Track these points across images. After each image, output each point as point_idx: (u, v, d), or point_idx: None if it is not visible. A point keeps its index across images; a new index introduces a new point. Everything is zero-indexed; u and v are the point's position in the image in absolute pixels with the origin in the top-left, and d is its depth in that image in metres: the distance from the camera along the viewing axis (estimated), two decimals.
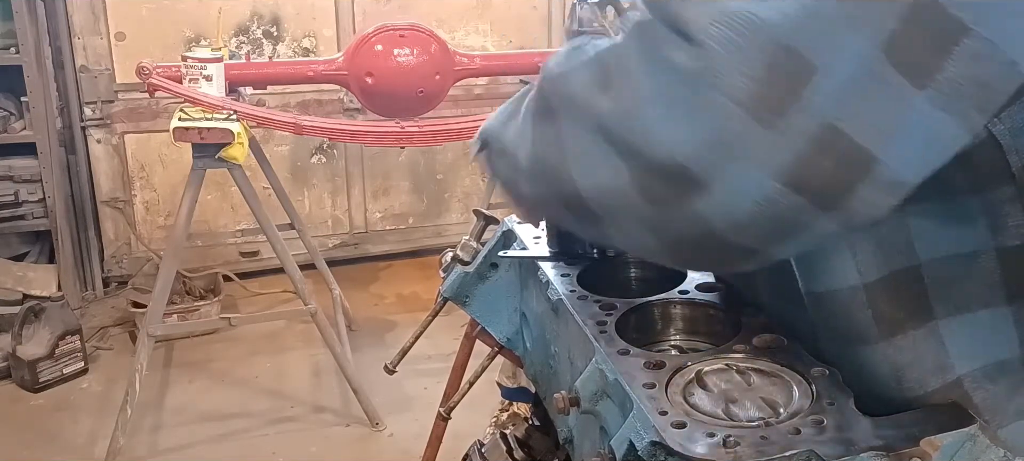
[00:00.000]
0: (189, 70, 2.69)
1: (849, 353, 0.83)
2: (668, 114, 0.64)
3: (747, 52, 0.61)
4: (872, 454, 0.72)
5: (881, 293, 0.80)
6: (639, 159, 0.67)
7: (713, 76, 0.61)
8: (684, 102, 0.63)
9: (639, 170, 0.67)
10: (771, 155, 0.62)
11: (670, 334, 1.02)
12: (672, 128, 0.64)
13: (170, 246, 2.77)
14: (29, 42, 3.45)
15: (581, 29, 3.00)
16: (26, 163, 3.57)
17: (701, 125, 0.63)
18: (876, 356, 0.81)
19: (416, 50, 2.89)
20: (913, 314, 0.80)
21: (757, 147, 0.62)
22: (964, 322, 0.80)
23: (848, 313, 0.81)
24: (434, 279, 1.25)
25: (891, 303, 0.80)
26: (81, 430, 2.96)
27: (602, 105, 0.69)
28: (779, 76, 0.61)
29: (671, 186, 0.66)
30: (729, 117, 0.62)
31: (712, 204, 0.65)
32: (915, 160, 0.64)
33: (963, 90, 0.61)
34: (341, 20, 3.97)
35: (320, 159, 4.17)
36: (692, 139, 0.63)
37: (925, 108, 0.61)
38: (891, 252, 0.79)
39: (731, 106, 0.61)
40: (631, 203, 0.69)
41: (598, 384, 0.88)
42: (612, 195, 0.71)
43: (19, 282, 3.62)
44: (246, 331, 3.59)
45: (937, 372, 0.80)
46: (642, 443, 0.75)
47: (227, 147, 2.60)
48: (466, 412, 1.30)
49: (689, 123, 0.63)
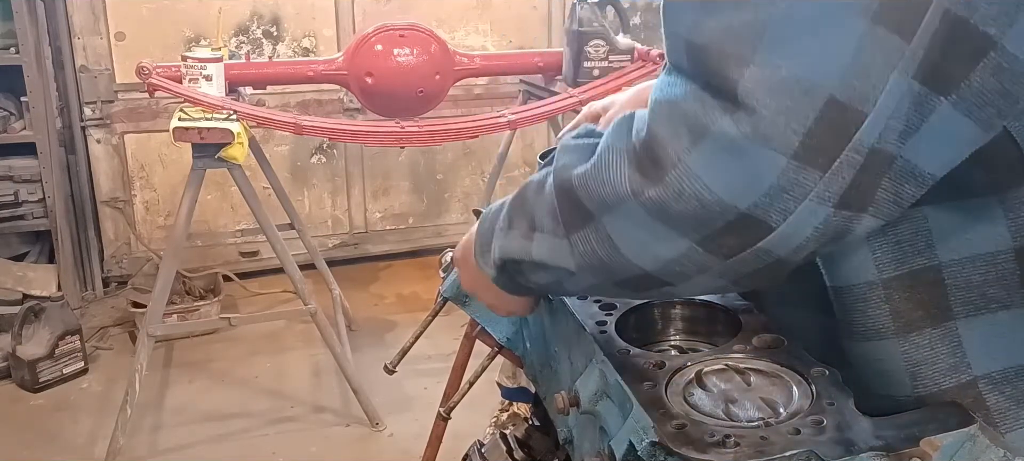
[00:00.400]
0: (189, 70, 2.69)
1: (865, 349, 0.83)
2: (724, 178, 0.66)
3: (798, 112, 0.63)
4: (872, 454, 0.72)
5: (898, 290, 0.81)
6: (703, 228, 0.69)
7: (764, 138, 0.64)
8: (738, 163, 0.65)
9: (705, 235, 0.69)
10: (827, 189, 0.65)
11: (670, 334, 1.02)
12: (730, 188, 0.66)
13: (170, 246, 2.77)
14: (29, 42, 3.45)
15: (581, 29, 3.00)
16: (26, 163, 3.57)
17: (758, 179, 0.65)
18: (891, 352, 0.82)
19: (416, 50, 2.89)
20: (931, 313, 0.81)
21: (814, 187, 0.65)
22: (983, 323, 0.80)
23: (865, 308, 0.82)
24: (434, 279, 1.25)
25: (908, 301, 0.81)
26: (81, 430, 2.96)
27: (653, 193, 0.69)
28: (830, 128, 0.63)
29: (740, 236, 0.68)
30: (785, 169, 0.64)
31: (776, 238, 0.68)
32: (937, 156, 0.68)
33: (986, 98, 0.66)
34: (341, 20, 3.97)
35: (320, 159, 4.17)
36: (752, 192, 0.66)
37: (949, 112, 0.66)
38: (909, 251, 0.80)
39: (785, 160, 0.64)
40: (703, 263, 0.72)
41: (598, 384, 0.88)
42: (681, 263, 0.72)
43: (19, 282, 3.62)
44: (246, 331, 3.59)
45: (952, 372, 0.80)
46: (642, 443, 0.75)
47: (227, 147, 2.60)
48: (466, 412, 1.30)
49: (746, 179, 0.66)
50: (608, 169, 0.72)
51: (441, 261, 1.19)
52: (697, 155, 0.66)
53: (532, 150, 4.25)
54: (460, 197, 4.41)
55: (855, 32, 0.62)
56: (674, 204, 0.68)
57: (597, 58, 2.98)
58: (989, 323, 0.80)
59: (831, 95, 0.63)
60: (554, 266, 0.82)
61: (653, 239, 0.71)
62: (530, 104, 3.15)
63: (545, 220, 0.81)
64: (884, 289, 0.81)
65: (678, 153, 0.67)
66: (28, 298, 3.44)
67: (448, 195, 4.41)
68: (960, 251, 0.79)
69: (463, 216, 4.35)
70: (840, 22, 0.62)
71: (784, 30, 0.63)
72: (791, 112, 0.63)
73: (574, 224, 0.77)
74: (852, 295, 0.83)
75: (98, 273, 3.95)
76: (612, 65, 2.99)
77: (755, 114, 0.63)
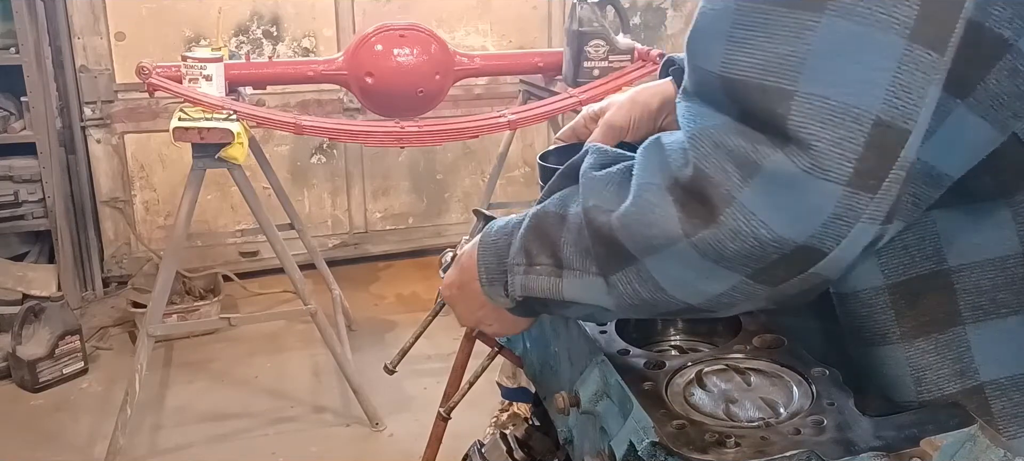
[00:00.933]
0: (189, 70, 2.69)
1: (869, 354, 0.83)
2: (783, 214, 0.65)
3: (850, 140, 0.63)
4: (872, 454, 0.72)
5: (904, 296, 0.81)
6: (757, 262, 0.67)
7: (823, 171, 0.63)
8: (796, 198, 0.65)
9: (758, 269, 0.68)
10: (878, 209, 0.65)
11: (670, 334, 1.02)
12: (790, 223, 0.65)
13: (170, 246, 2.77)
14: (29, 42, 3.45)
15: (581, 29, 3.00)
16: (26, 163, 3.56)
17: (818, 211, 0.65)
18: (896, 357, 0.82)
19: (416, 50, 2.89)
20: (938, 318, 0.81)
21: (866, 209, 0.65)
22: (992, 328, 0.81)
23: (870, 314, 0.82)
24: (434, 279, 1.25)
25: (914, 306, 0.81)
26: (81, 430, 2.96)
27: (706, 234, 0.67)
28: (878, 150, 0.63)
29: (793, 266, 0.68)
30: (842, 197, 0.64)
31: (827, 262, 0.67)
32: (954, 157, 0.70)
33: (1002, 101, 0.68)
34: (341, 20, 3.97)
35: (320, 159, 4.17)
36: (812, 224, 0.65)
37: (964, 115, 0.68)
38: (917, 256, 0.80)
39: (841, 189, 0.64)
40: (752, 293, 0.71)
41: (598, 384, 0.88)
42: (730, 296, 0.71)
43: (19, 282, 3.62)
44: (246, 331, 3.58)
45: (958, 377, 0.81)
46: (642, 444, 0.75)
47: (227, 147, 2.60)
48: (466, 412, 1.30)
49: (805, 212, 0.65)
50: (652, 211, 0.70)
51: (441, 261, 1.18)
52: (750, 192, 0.65)
53: (532, 150, 4.24)
54: (460, 197, 4.41)
55: (895, 53, 0.62)
56: (730, 243, 0.66)
57: (597, 58, 2.98)
58: (998, 328, 0.80)
59: (877, 117, 0.62)
60: (588, 304, 0.79)
61: (701, 277, 0.70)
62: (530, 104, 3.14)
63: (574, 259, 0.78)
64: (890, 295, 0.81)
65: (731, 191, 0.65)
66: (28, 298, 3.44)
67: (448, 195, 4.41)
68: (969, 256, 0.79)
69: (463, 216, 4.35)
70: (878, 45, 0.62)
71: (824, 60, 0.63)
72: (844, 141, 0.63)
73: (612, 266, 0.75)
74: (857, 301, 0.83)
75: (98, 273, 3.95)
76: (612, 65, 2.98)
77: (811, 148, 0.63)
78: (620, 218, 0.72)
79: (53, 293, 3.42)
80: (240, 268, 4.03)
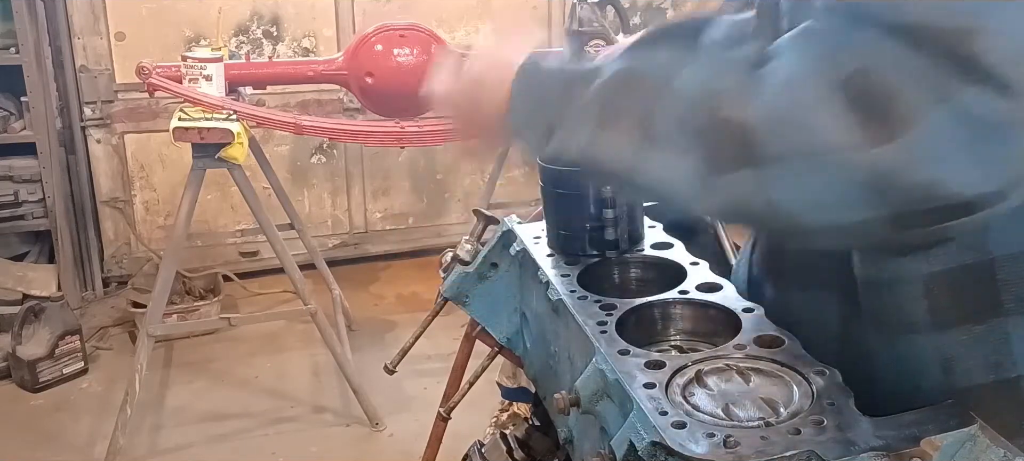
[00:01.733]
0: (189, 70, 2.69)
1: (893, 340, 0.82)
2: (966, 164, 0.59)
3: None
4: (872, 454, 0.72)
5: (942, 285, 0.78)
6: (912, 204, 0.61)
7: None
8: (989, 150, 0.59)
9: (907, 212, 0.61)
10: None
11: (670, 334, 1.01)
12: (969, 175, 0.60)
13: (170, 246, 2.77)
14: (29, 42, 3.45)
15: (581, 29, 3.00)
16: (26, 163, 3.57)
17: (1005, 169, 0.60)
18: (924, 346, 0.80)
19: (416, 50, 2.89)
20: (978, 308, 0.78)
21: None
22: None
23: (901, 302, 0.80)
24: (434, 279, 1.25)
25: (953, 296, 0.79)
26: (81, 430, 2.96)
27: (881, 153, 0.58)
28: None
29: (945, 214, 0.62)
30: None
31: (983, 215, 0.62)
32: None
33: None
34: (341, 20, 3.97)
35: (320, 159, 4.17)
36: (992, 182, 0.60)
37: None
38: (962, 245, 0.77)
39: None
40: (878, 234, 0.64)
41: (598, 384, 0.87)
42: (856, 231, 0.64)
43: (19, 282, 3.62)
44: (246, 331, 3.58)
45: (992, 368, 0.79)
46: (642, 443, 0.75)
47: (227, 147, 2.60)
48: (466, 412, 1.30)
49: (992, 169, 0.60)
50: (809, 110, 0.59)
51: (441, 261, 1.19)
52: (940, 119, 0.57)
53: None
54: (460, 197, 4.41)
55: None
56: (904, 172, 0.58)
57: None
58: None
59: None
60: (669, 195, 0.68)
61: (839, 203, 0.61)
62: None
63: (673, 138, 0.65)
64: (925, 284, 0.78)
65: (920, 109, 0.57)
66: (28, 298, 3.44)
67: (448, 195, 4.41)
68: (1013, 246, 0.77)
69: (463, 216, 4.35)
70: None
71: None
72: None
73: (727, 165, 0.63)
74: (889, 289, 0.80)
75: (98, 273, 3.95)
76: None
77: (1008, 89, 0.56)
78: (763, 111, 0.61)
79: (53, 293, 3.42)
80: (240, 268, 4.03)
